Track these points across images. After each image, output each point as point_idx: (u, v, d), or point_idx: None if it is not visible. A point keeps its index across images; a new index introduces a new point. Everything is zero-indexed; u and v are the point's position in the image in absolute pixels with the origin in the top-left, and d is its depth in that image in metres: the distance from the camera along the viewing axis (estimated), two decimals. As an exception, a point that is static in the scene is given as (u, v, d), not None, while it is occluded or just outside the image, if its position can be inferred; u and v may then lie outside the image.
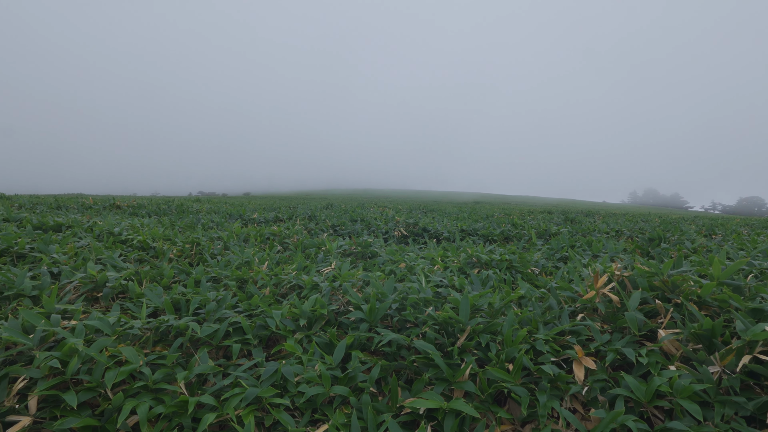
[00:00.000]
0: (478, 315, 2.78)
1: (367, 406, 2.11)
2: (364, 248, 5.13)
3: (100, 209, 9.31)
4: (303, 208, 11.88)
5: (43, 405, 2.11)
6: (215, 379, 2.36)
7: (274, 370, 2.32)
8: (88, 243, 4.55)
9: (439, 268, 4.10)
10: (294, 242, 5.57)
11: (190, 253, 4.68)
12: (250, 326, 2.74)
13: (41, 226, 5.32)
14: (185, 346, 2.62)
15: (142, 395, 2.18)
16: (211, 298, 3.02)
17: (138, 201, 11.49)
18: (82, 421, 1.99)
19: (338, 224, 7.91)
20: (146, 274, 3.60)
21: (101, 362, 2.22)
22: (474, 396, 2.21)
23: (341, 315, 2.99)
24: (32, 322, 2.47)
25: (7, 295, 3.02)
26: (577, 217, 11.95)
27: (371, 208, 13.45)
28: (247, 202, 15.29)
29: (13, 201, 10.08)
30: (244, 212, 9.29)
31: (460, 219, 10.30)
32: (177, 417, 2.12)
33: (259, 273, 3.70)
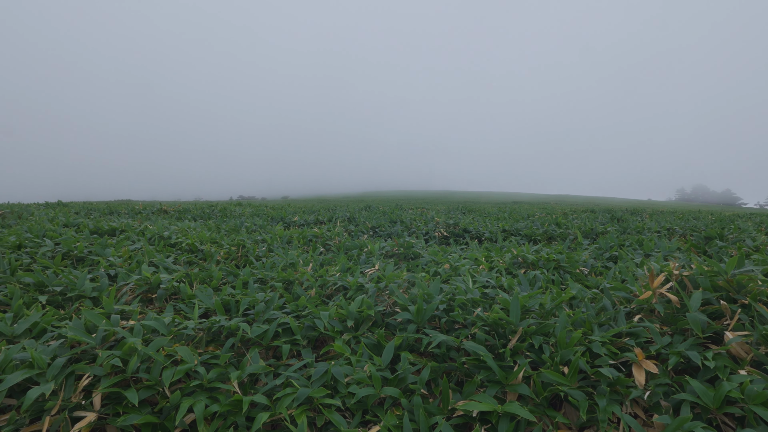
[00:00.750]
0: (528, 316, 2.72)
1: (419, 408, 2.09)
2: (406, 249, 5.11)
3: (148, 214, 9.68)
4: (341, 210, 11.98)
5: (106, 402, 2.19)
6: (266, 378, 2.40)
7: (324, 371, 2.33)
8: (140, 246, 4.72)
9: (484, 269, 4.03)
10: (336, 244, 5.61)
11: (236, 255, 4.79)
12: (299, 327, 2.77)
13: (97, 231, 5.57)
14: (236, 346, 2.67)
15: (197, 394, 2.24)
16: (259, 299, 3.07)
17: (183, 206, 11.90)
18: (143, 418, 2.05)
19: (378, 226, 7.93)
20: (196, 276, 3.71)
21: (159, 361, 2.29)
22: (528, 399, 2.15)
23: (388, 316, 2.98)
24: (94, 322, 2.58)
25: (70, 296, 3.17)
26: (624, 215, 11.53)
27: (409, 209, 13.42)
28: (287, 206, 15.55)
29: (70, 207, 10.61)
30: (285, 215, 9.45)
31: (500, 219, 10.13)
32: (231, 416, 2.16)
33: (304, 274, 3.74)
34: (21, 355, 2.28)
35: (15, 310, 2.81)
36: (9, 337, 2.56)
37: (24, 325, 2.59)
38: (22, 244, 4.41)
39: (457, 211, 13.63)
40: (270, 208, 13.12)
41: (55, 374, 2.18)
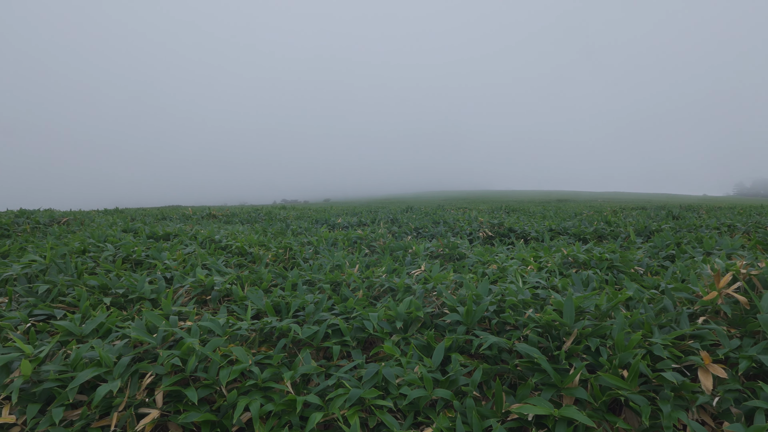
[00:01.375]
0: (583, 317, 2.63)
1: (472, 411, 2.06)
2: (452, 250, 5.07)
3: (198, 218, 10.04)
4: (383, 212, 12.03)
5: (168, 399, 2.28)
6: (318, 379, 2.43)
7: (374, 372, 2.34)
8: (193, 250, 4.91)
9: (532, 269, 3.94)
10: (380, 245, 5.63)
11: (284, 257, 4.89)
12: (348, 328, 2.79)
13: (153, 236, 5.83)
14: (288, 347, 2.72)
15: (252, 393, 2.29)
16: (309, 300, 3.12)
17: (230, 210, 12.27)
18: (202, 416, 2.12)
19: (421, 227, 7.91)
20: (247, 278, 3.81)
21: (215, 361, 2.37)
22: (586, 403, 2.09)
23: (437, 317, 2.96)
24: (154, 322, 2.69)
25: (131, 298, 3.32)
26: (679, 212, 11.01)
27: (450, 210, 13.31)
28: (329, 208, 15.79)
29: (126, 214, 11.14)
30: (329, 218, 9.57)
31: (546, 218, 9.89)
32: (286, 415, 2.20)
33: (351, 276, 3.77)
34: (90, 353, 2.41)
35: (83, 311, 2.98)
36: (78, 336, 2.71)
37: (91, 325, 2.73)
38: (86, 249, 4.67)
39: (500, 210, 13.41)
40: (313, 210, 13.34)
41: (121, 372, 2.29)
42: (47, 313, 3.06)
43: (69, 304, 3.26)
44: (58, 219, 7.69)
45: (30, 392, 2.24)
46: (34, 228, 6.94)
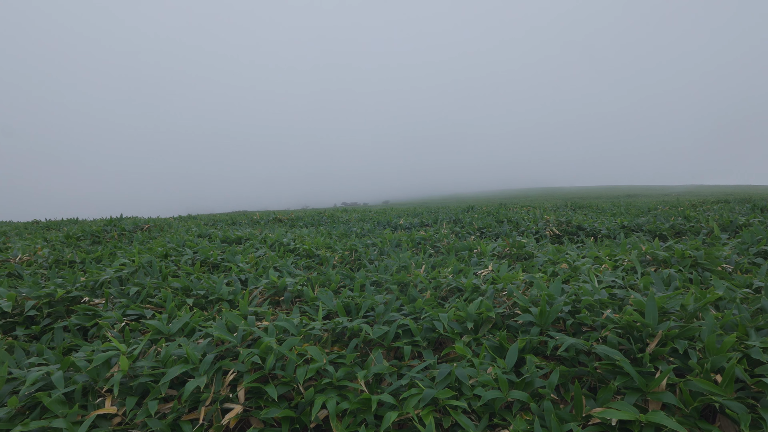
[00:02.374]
0: (668, 318, 2.49)
1: (550, 414, 2.00)
2: (518, 249, 4.95)
3: (265, 223, 10.44)
4: (444, 212, 11.95)
5: (249, 396, 2.39)
6: (391, 378, 2.46)
7: (447, 373, 2.33)
8: (264, 253, 5.11)
9: (607, 268, 3.77)
10: (444, 246, 5.60)
11: (350, 259, 4.98)
12: (418, 329, 2.80)
13: (226, 240, 6.14)
14: (359, 347, 2.77)
15: (328, 391, 2.35)
16: (378, 301, 3.16)
17: (295, 214, 12.67)
18: (282, 412, 2.21)
19: (484, 226, 7.78)
20: (316, 279, 3.92)
21: (292, 360, 2.45)
22: (674, 409, 1.97)
23: (508, 318, 2.90)
24: (234, 322, 2.83)
25: (211, 299, 3.52)
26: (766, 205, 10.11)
27: (514, 208, 12.98)
28: (390, 210, 15.88)
29: (199, 219, 11.80)
30: (390, 219, 9.64)
31: (617, 214, 9.42)
32: (361, 413, 2.24)
33: (417, 276, 3.78)
34: (178, 351, 2.57)
35: (169, 311, 3.19)
36: (166, 335, 2.90)
37: (177, 324, 2.92)
38: (168, 254, 4.99)
39: (566, 207, 12.92)
40: (374, 212, 13.49)
41: (206, 369, 2.43)
42: (138, 313, 3.30)
43: (156, 304, 3.50)
44: (140, 226, 8.28)
45: (128, 386, 2.42)
46: (120, 235, 7.51)
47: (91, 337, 3.24)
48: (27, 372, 2.53)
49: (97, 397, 2.43)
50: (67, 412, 2.26)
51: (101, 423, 2.26)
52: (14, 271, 4.51)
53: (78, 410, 2.28)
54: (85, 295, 3.65)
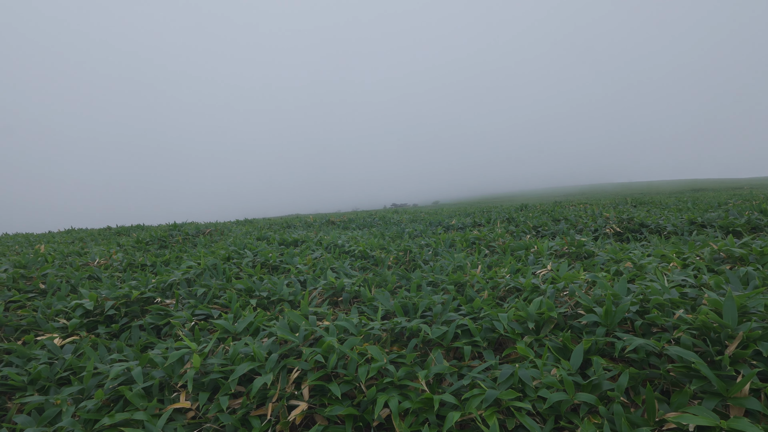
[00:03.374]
0: (748, 319, 2.33)
1: (620, 417, 1.93)
2: (578, 248, 4.79)
3: (319, 225, 10.66)
4: (497, 211, 11.75)
5: (313, 393, 2.45)
6: (451, 379, 2.45)
7: (510, 373, 2.30)
8: (320, 254, 5.23)
9: (675, 266, 3.59)
10: (500, 245, 5.52)
11: (404, 260, 5.00)
12: (477, 329, 2.78)
13: (283, 242, 6.33)
14: (418, 347, 2.78)
15: (389, 390, 2.38)
16: (436, 301, 3.16)
17: (347, 216, 12.86)
18: (346, 409, 2.25)
19: (539, 225, 7.59)
20: (372, 280, 3.96)
21: (353, 359, 2.50)
22: (758, 416, 1.85)
23: (570, 318, 2.83)
24: (296, 322, 2.92)
25: (273, 299, 3.64)
26: None
27: (569, 206, 12.57)
28: (441, 210, 15.81)
29: (255, 224, 12.21)
30: (442, 219, 9.59)
31: (683, 210, 8.92)
32: (423, 413, 2.25)
33: (474, 277, 3.75)
34: (244, 349, 2.68)
35: (234, 311, 3.33)
36: (233, 334, 3.03)
37: (243, 324, 3.04)
38: (230, 256, 5.21)
39: (625, 204, 12.36)
40: (425, 213, 13.47)
41: (272, 367, 2.52)
42: (206, 313, 3.47)
43: (222, 305, 3.66)
44: (202, 230, 8.68)
45: (200, 382, 2.55)
46: (184, 239, 7.91)
47: (164, 336, 3.44)
48: (110, 367, 2.73)
49: (172, 392, 2.58)
50: (146, 406, 2.42)
51: (177, 417, 2.39)
52: (94, 273, 4.85)
53: (156, 404, 2.42)
54: (157, 296, 3.88)
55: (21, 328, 3.47)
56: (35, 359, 2.99)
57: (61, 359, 2.96)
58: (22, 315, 3.65)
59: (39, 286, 4.39)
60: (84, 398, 2.58)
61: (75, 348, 3.11)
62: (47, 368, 2.83)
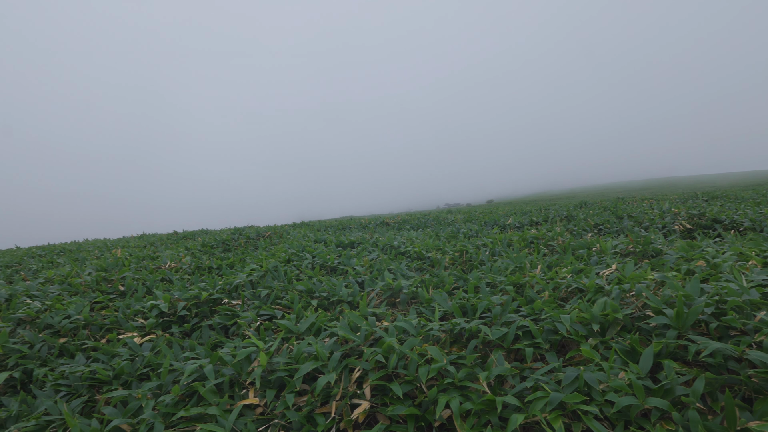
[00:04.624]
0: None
1: (697, 425, 1.84)
2: (644, 246, 4.58)
3: (374, 227, 10.77)
4: (554, 209, 11.39)
5: (374, 393, 2.50)
6: (513, 380, 2.42)
7: (575, 376, 2.24)
8: (377, 256, 5.30)
9: (755, 265, 3.35)
10: (559, 244, 5.36)
11: (461, 260, 4.97)
12: (538, 330, 2.73)
13: (340, 244, 6.46)
14: (478, 348, 2.77)
15: (450, 391, 2.38)
16: (495, 302, 3.13)
17: (401, 217, 12.91)
18: (408, 409, 2.28)
19: (601, 222, 7.29)
20: (429, 281, 3.97)
21: (414, 359, 2.52)
22: None
23: (638, 320, 2.71)
24: (356, 322, 2.98)
25: (333, 300, 3.74)
26: None
27: (633, 202, 11.98)
28: (495, 209, 15.52)
29: (311, 226, 12.51)
30: (498, 219, 9.43)
31: (761, 203, 8.29)
32: (485, 414, 2.24)
33: (534, 277, 3.67)
34: (308, 349, 2.77)
35: (296, 312, 3.45)
36: (296, 334, 3.14)
37: (305, 324, 3.14)
38: (290, 259, 5.38)
39: (696, 198, 11.64)
40: (479, 212, 13.27)
41: (334, 366, 2.59)
42: (270, 313, 3.61)
43: (284, 305, 3.80)
44: (262, 234, 9.01)
45: (266, 379, 2.67)
46: (246, 242, 8.24)
47: (231, 335, 3.61)
48: (184, 365, 2.90)
49: (241, 388, 2.71)
50: (218, 401, 2.55)
51: (246, 412, 2.51)
52: (166, 276, 5.17)
53: (227, 400, 2.56)
54: (224, 297, 4.08)
55: (105, 327, 3.75)
56: (118, 356, 3.23)
57: (141, 356, 3.18)
58: (105, 315, 3.95)
59: (119, 288, 4.73)
60: (162, 393, 2.76)
61: (152, 346, 3.33)
62: (129, 364, 3.05)
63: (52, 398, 2.89)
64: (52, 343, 3.48)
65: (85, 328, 3.75)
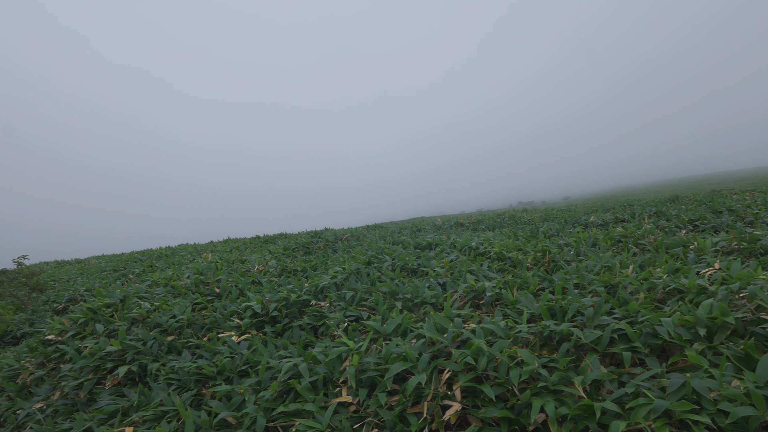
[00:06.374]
0: None
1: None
2: (750, 243, 4.21)
3: (448, 228, 10.73)
4: (640, 204, 10.71)
5: (465, 394, 2.51)
6: (611, 386, 2.34)
7: (681, 383, 2.12)
8: (456, 257, 5.29)
9: None
10: (651, 242, 5.05)
11: (543, 261, 4.84)
12: (636, 333, 2.60)
13: (418, 246, 6.50)
14: (570, 351, 2.69)
15: (544, 395, 2.34)
16: (586, 304, 3.02)
17: (475, 217, 12.74)
18: (501, 412, 2.27)
19: (696, 218, 6.77)
20: (513, 282, 3.90)
21: (504, 361, 2.50)
22: None
23: (752, 324, 2.51)
24: (443, 324, 3.00)
25: (416, 302, 3.78)
26: None
27: (731, 194, 10.99)
28: (574, 207, 14.85)
29: (385, 228, 12.68)
30: (579, 216, 9.04)
31: None
32: (582, 420, 2.18)
33: (626, 277, 3.50)
34: (397, 350, 2.83)
35: (381, 313, 3.53)
36: (382, 335, 3.22)
37: (392, 325, 3.22)
38: (370, 261, 5.51)
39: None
40: (557, 210, 12.77)
41: (424, 367, 2.63)
42: (356, 314, 3.73)
43: (369, 307, 3.91)
44: (340, 236, 9.27)
45: (357, 378, 2.76)
46: (325, 245, 8.53)
47: (320, 335, 3.77)
48: (279, 363, 3.07)
49: (334, 387, 2.83)
50: (314, 398, 2.68)
51: (340, 410, 2.62)
52: (255, 279, 5.48)
53: (322, 397, 2.68)
54: (311, 299, 4.26)
55: (205, 326, 4.06)
56: (219, 353, 3.48)
57: (239, 354, 3.40)
58: (205, 315, 4.27)
59: (214, 290, 5.09)
60: (261, 389, 2.94)
61: (249, 344, 3.55)
62: (230, 361, 3.28)
63: (165, 391, 3.18)
64: (162, 341, 3.81)
65: (188, 327, 4.08)
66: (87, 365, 3.64)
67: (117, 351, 3.71)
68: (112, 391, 3.43)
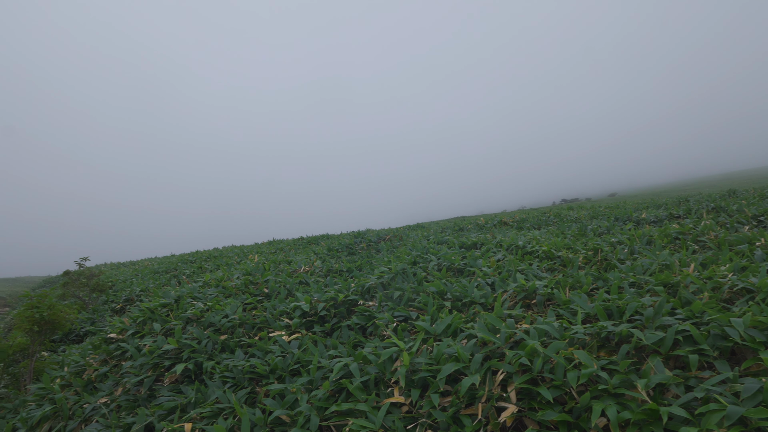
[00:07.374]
0: None
1: None
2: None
3: (492, 227, 10.55)
4: (696, 199, 10.19)
5: (520, 396, 2.45)
6: (677, 390, 2.23)
7: (757, 389, 2.00)
8: (503, 256, 5.19)
9: None
10: (712, 239, 4.79)
11: (595, 259, 4.68)
12: (702, 335, 2.47)
13: (463, 245, 6.43)
14: (630, 353, 2.58)
15: (604, 398, 2.26)
16: (645, 304, 2.90)
17: (519, 216, 12.48)
18: (559, 415, 2.20)
19: (761, 213, 6.37)
20: (564, 281, 3.79)
21: (560, 363, 2.43)
22: None
23: (835, 326, 2.34)
24: (494, 324, 2.95)
25: (465, 302, 3.74)
26: None
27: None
28: (623, 203, 14.28)
29: (427, 228, 12.62)
30: (630, 213, 8.68)
31: None
32: (647, 425, 2.09)
33: (687, 276, 3.33)
34: (448, 350, 2.80)
35: (430, 313, 3.51)
36: (432, 335, 3.19)
37: (441, 325, 3.19)
38: (415, 261, 5.49)
39: None
40: (605, 207, 12.32)
41: (477, 368, 2.59)
42: (404, 314, 3.72)
43: (418, 307, 3.89)
44: (382, 237, 9.29)
45: (409, 379, 2.75)
46: (368, 246, 8.56)
47: (368, 335, 3.78)
48: (330, 362, 3.10)
49: (386, 387, 2.83)
50: (366, 398, 2.69)
51: (393, 410, 2.62)
52: (303, 279, 5.57)
53: (374, 397, 2.69)
54: (359, 299, 4.28)
55: (256, 325, 4.15)
56: (271, 352, 3.55)
57: (290, 353, 3.45)
58: (256, 315, 4.37)
59: (263, 290, 5.20)
60: (313, 388, 2.98)
61: (299, 344, 3.60)
62: (282, 360, 3.34)
63: (221, 388, 3.27)
64: (215, 340, 3.93)
65: (240, 326, 4.18)
66: (146, 362, 3.79)
67: (174, 349, 3.85)
68: (170, 387, 3.56)
